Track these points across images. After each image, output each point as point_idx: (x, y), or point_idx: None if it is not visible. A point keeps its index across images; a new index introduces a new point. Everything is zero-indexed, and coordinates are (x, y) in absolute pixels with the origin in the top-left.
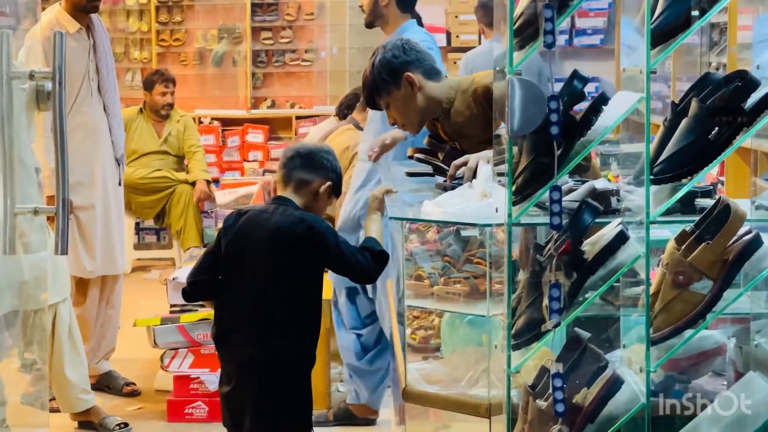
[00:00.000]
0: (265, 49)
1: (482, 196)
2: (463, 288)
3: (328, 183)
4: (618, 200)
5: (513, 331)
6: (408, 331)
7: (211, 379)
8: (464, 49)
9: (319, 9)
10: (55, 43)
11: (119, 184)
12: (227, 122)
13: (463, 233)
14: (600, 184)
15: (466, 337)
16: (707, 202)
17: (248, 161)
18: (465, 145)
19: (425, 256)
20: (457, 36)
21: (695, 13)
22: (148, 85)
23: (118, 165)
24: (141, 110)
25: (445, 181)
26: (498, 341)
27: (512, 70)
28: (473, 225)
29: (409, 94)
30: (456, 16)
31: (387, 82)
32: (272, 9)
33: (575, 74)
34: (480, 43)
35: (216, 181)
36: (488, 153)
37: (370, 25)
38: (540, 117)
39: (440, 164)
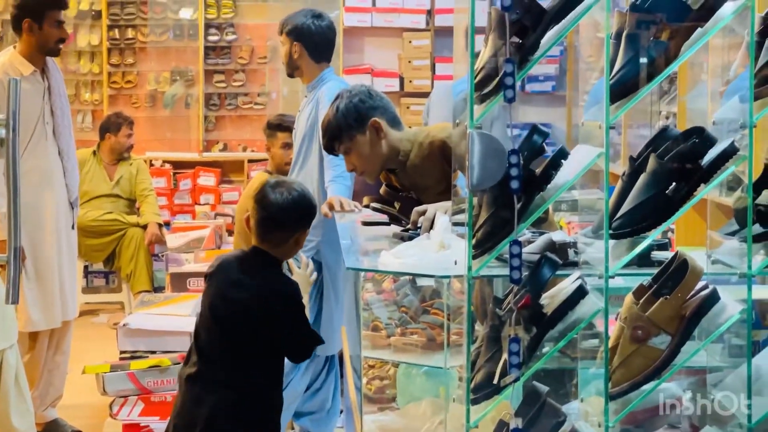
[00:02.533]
0: (218, 92)
1: (440, 247)
2: (420, 339)
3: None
4: (576, 252)
5: (472, 385)
6: (363, 380)
7: (161, 427)
8: (417, 95)
9: (272, 52)
10: (10, 89)
11: (72, 227)
12: (179, 165)
13: (420, 283)
14: (558, 236)
15: (422, 388)
16: (664, 255)
17: (200, 204)
18: (422, 197)
19: (381, 306)
20: (411, 81)
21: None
22: (114, 128)
23: (72, 208)
24: (94, 152)
25: (406, 229)
26: (456, 394)
27: (473, 124)
28: (431, 276)
29: (373, 141)
30: (409, 61)
31: (351, 127)
32: (225, 52)
33: (535, 129)
34: (432, 87)
35: (167, 224)
36: (447, 203)
37: (291, 75)
38: (500, 171)
39: (396, 214)
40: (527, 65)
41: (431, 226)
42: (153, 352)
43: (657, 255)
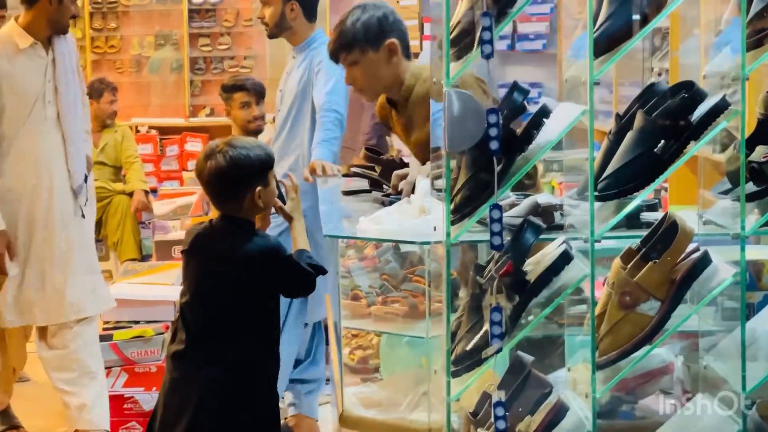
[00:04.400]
0: (203, 56)
1: (420, 212)
2: (401, 308)
3: (258, 188)
4: (562, 215)
5: (453, 357)
6: (346, 350)
7: (145, 398)
8: None
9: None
10: None
11: (82, 216)
12: (165, 131)
13: (403, 249)
14: (543, 198)
15: (405, 358)
16: (653, 216)
17: (187, 170)
18: (413, 139)
19: (362, 273)
20: None
21: (636, 17)
22: (96, 94)
23: (76, 197)
24: None
25: (387, 194)
26: (437, 366)
27: (449, 82)
28: (411, 243)
29: (384, 62)
30: None
31: (368, 41)
32: (210, 15)
33: (515, 86)
34: (421, 49)
35: (154, 191)
36: (428, 167)
37: (273, 36)
38: (479, 132)
39: (377, 177)
40: (505, 19)
41: (413, 190)
42: (137, 322)
43: (646, 216)
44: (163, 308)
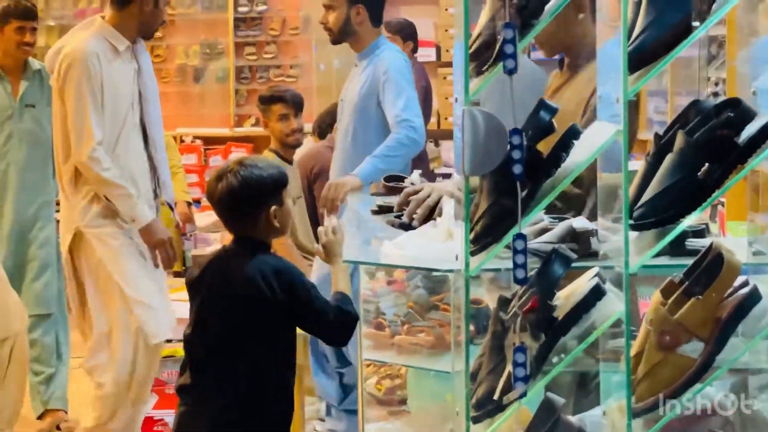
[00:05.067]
0: (249, 65)
1: (447, 237)
2: (427, 338)
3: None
4: (599, 241)
5: (473, 400)
6: (373, 380)
7: None
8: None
9: (304, 23)
10: None
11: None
12: (209, 141)
13: (433, 274)
14: (579, 223)
15: (433, 391)
16: (701, 244)
17: None
18: None
19: (390, 299)
20: (447, 50)
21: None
22: None
23: (171, 209)
24: None
25: (398, 215)
26: (459, 407)
27: (468, 99)
28: (433, 271)
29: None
30: (446, 30)
31: None
32: (256, 24)
33: (541, 104)
34: None
35: (197, 201)
36: (445, 185)
37: (337, 42)
38: (501, 154)
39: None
40: (530, 31)
41: (431, 213)
42: (169, 341)
43: (693, 243)
44: None
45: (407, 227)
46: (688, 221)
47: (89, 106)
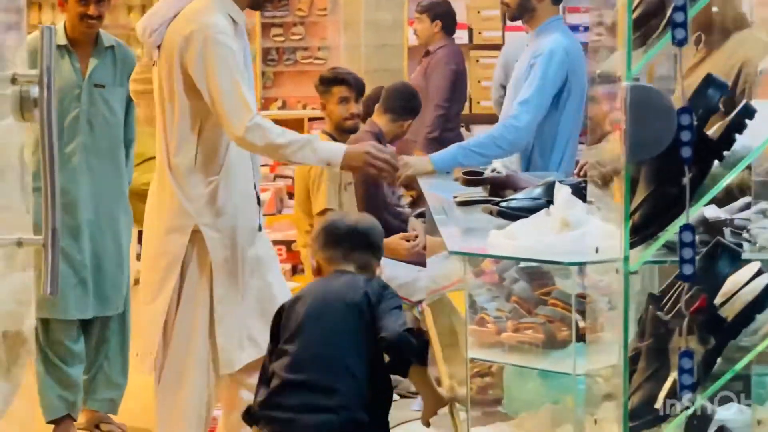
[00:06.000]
0: (276, 47)
1: (562, 226)
2: (537, 336)
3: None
4: (733, 232)
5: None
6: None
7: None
8: (487, 47)
9: (332, 4)
10: (43, 39)
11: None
12: None
13: (527, 265)
14: (710, 211)
15: (536, 392)
16: None
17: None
18: None
19: (483, 292)
20: (480, 33)
21: None
22: None
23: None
24: None
25: (497, 202)
26: (598, 414)
27: (630, 75)
28: (556, 264)
29: None
30: (478, 12)
31: None
32: (283, 4)
33: (710, 80)
34: (503, 42)
35: None
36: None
37: (514, 18)
38: (668, 136)
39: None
40: None
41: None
42: None
43: None
44: None
45: (511, 216)
46: None
47: (239, 80)
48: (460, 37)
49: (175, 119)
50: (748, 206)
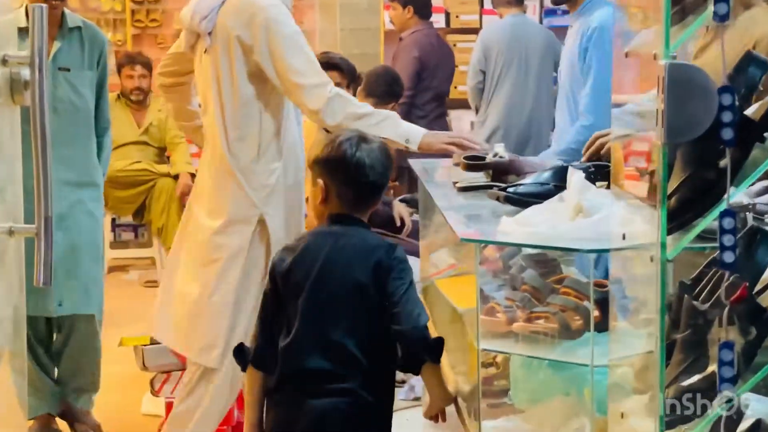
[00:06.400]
0: None
1: (576, 212)
2: (550, 325)
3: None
4: (755, 218)
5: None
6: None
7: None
8: (465, 31)
9: None
10: (35, 18)
11: None
12: None
13: (535, 252)
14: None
15: (546, 384)
16: None
17: None
18: None
19: (488, 280)
20: (457, 16)
21: None
22: (118, 68)
23: None
24: (119, 96)
25: (502, 188)
26: (625, 408)
27: (668, 52)
28: (576, 251)
29: None
30: None
31: None
32: None
33: (750, 58)
34: (480, 25)
35: None
36: None
37: (557, 3)
38: (709, 117)
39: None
40: None
41: None
42: None
43: None
44: None
45: (519, 202)
46: None
47: (310, 53)
48: (437, 21)
49: (236, 107)
50: (766, 190)
